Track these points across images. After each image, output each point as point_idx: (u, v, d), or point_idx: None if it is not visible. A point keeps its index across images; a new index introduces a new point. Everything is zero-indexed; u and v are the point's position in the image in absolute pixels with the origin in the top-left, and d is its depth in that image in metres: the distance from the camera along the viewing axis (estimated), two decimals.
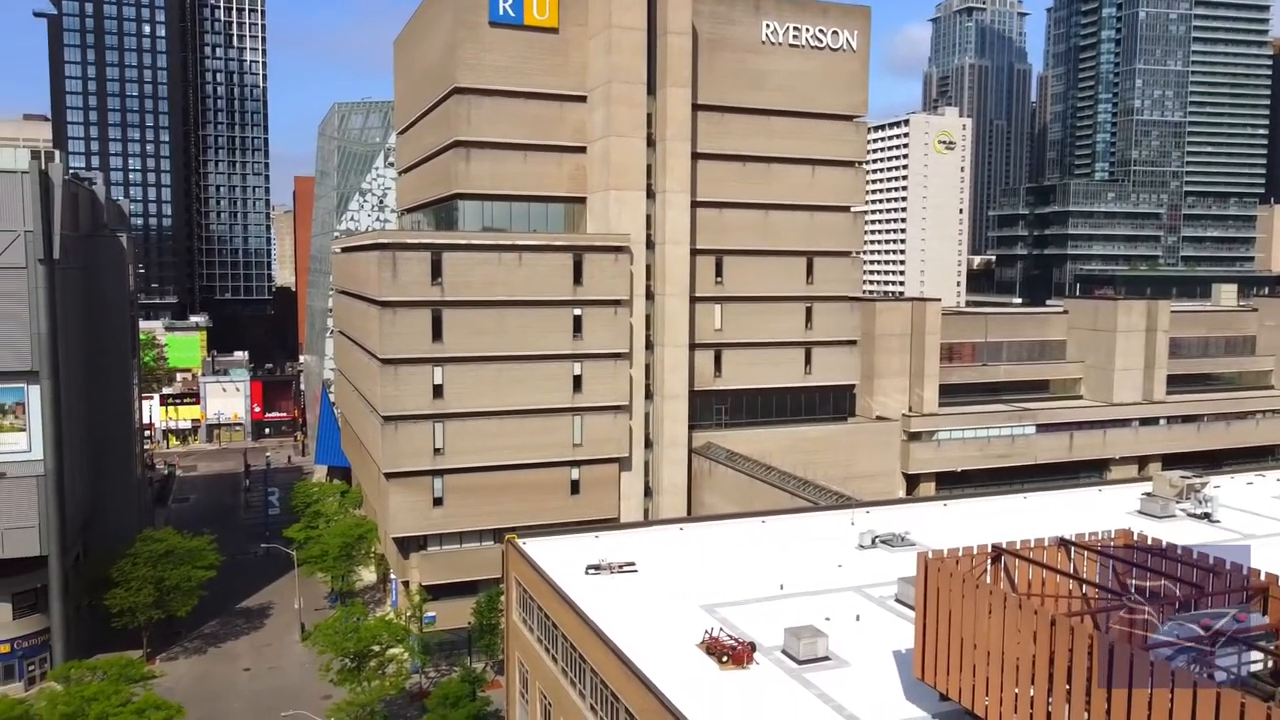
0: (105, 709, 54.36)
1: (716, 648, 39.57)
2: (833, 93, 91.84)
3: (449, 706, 60.57)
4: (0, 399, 72.82)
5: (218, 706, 72.09)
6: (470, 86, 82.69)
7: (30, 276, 71.18)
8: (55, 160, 76.77)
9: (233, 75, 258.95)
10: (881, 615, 44.14)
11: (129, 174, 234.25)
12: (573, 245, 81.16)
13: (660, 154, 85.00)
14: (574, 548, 54.33)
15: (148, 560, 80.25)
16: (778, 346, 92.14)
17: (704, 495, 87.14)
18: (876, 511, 63.14)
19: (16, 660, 75.38)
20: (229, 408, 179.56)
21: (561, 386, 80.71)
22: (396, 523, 78.65)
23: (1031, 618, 29.02)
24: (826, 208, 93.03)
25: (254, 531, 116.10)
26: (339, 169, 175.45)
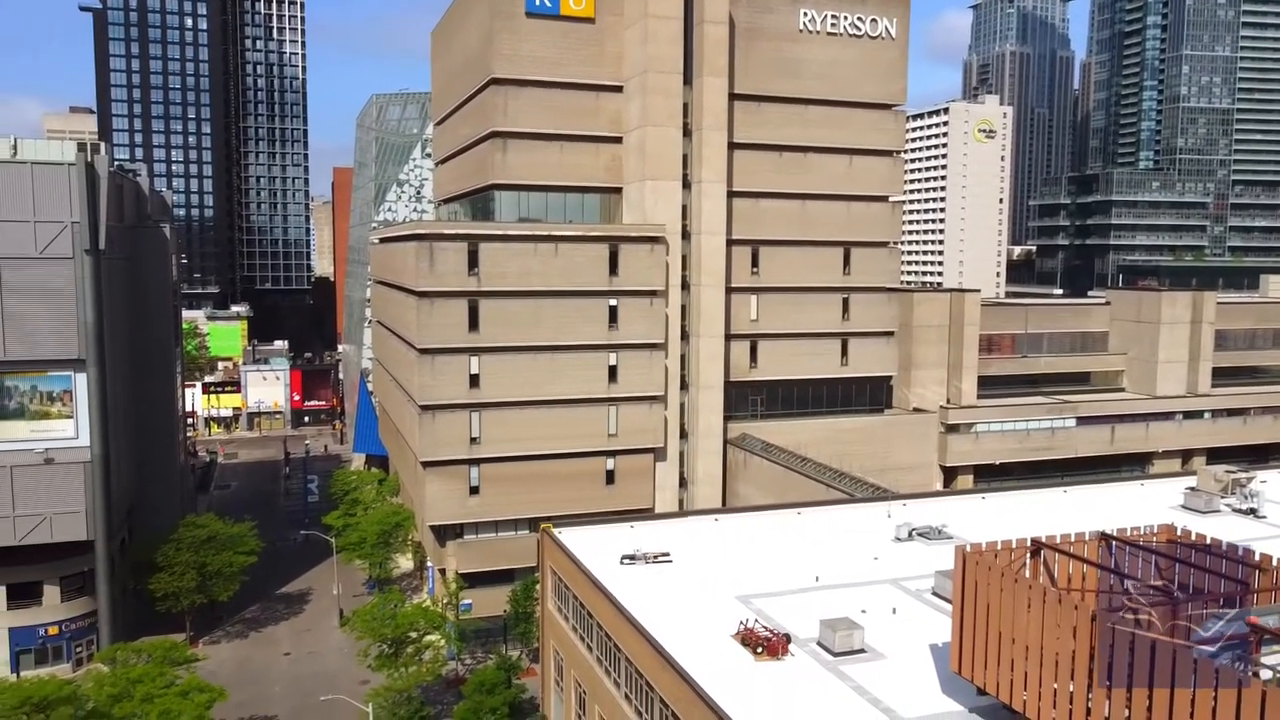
0: (150, 691, 55.42)
1: (751, 639, 39.56)
2: (871, 81, 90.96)
3: (485, 693, 61.08)
4: (48, 387, 74.42)
5: (258, 690, 73.28)
6: (507, 77, 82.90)
7: (77, 267, 72.54)
8: (101, 152, 77.97)
9: (272, 67, 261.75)
10: (918, 608, 43.86)
11: (171, 165, 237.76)
12: (608, 236, 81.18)
13: (696, 144, 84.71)
14: (609, 538, 54.53)
15: (190, 545, 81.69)
16: (814, 337, 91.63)
17: (739, 486, 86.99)
18: (913, 504, 62.68)
19: (65, 642, 77.14)
20: (269, 396, 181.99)
21: (597, 377, 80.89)
22: (433, 511, 79.34)
23: (1072, 613, 28.68)
24: (864, 198, 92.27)
25: (293, 518, 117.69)
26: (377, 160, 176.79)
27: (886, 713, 34.35)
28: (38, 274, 71.57)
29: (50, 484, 73.18)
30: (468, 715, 60.35)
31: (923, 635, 40.46)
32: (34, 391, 74.12)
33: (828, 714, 34.31)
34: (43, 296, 71.89)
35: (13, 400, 73.62)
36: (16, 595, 75.59)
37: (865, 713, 34.40)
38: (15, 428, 73.57)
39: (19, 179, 70.87)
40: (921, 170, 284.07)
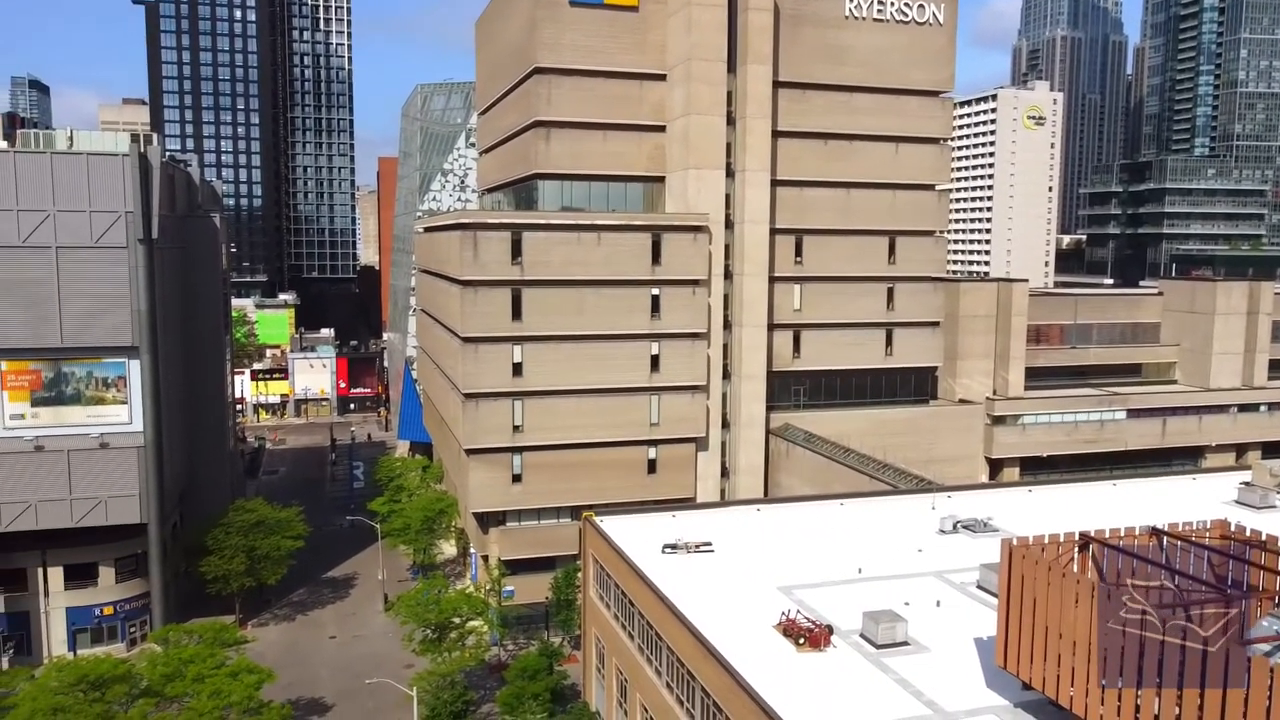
0: (201, 671, 56.62)
1: (793, 629, 39.49)
2: (918, 68, 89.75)
3: (527, 679, 61.59)
4: (103, 373, 76.17)
5: (305, 672, 74.56)
6: (550, 66, 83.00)
7: (131, 256, 74.01)
8: (153, 143, 79.56)
9: (319, 58, 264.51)
10: (962, 601, 43.50)
11: (221, 156, 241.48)
12: (651, 225, 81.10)
13: (740, 132, 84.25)
14: (651, 526, 54.69)
15: (240, 530, 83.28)
16: (858, 327, 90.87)
17: (781, 477, 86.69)
18: (958, 496, 62.13)
19: (119, 622, 79.10)
20: (316, 383, 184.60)
21: (639, 366, 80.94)
22: (476, 498, 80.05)
23: (1121, 609, 28.25)
24: (910, 186, 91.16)
25: (339, 504, 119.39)
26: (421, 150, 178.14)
27: (930, 706, 34.14)
28: (93, 263, 73.15)
29: (105, 468, 74.91)
30: (510, 700, 60.92)
31: (967, 629, 40.13)
32: (90, 377, 75.92)
33: (870, 706, 34.18)
34: (98, 285, 73.45)
35: (70, 386, 75.45)
36: (73, 576, 77.58)
37: (908, 706, 34.21)
38: (72, 413, 75.42)
39: (75, 170, 72.43)
40: (969, 158, 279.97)
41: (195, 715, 52.09)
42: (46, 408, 74.88)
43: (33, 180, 71.44)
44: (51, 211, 71.73)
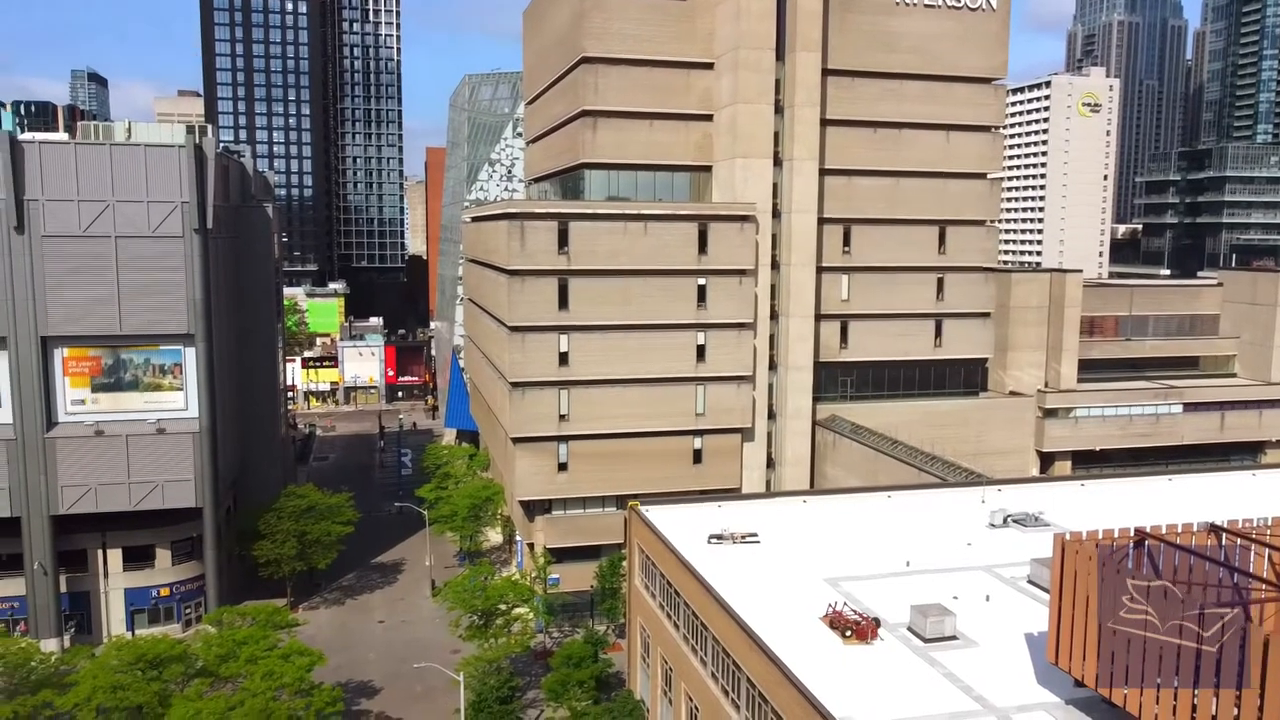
0: (254, 652, 57.80)
1: (840, 622, 39.27)
2: (970, 54, 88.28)
3: (572, 666, 61.98)
4: (160, 360, 77.85)
5: (354, 655, 75.77)
6: (597, 55, 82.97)
7: (186, 245, 75.46)
8: (208, 135, 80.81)
9: (368, 49, 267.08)
10: (1012, 596, 42.95)
11: (273, 146, 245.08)
12: (698, 214, 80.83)
13: (788, 121, 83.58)
14: (696, 517, 54.68)
15: (291, 515, 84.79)
16: (907, 318, 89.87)
17: (827, 468, 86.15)
18: (1008, 490, 61.30)
19: (175, 603, 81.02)
20: (365, 371, 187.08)
21: (685, 356, 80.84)
22: (522, 486, 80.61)
23: (1178, 606, 27.69)
24: (961, 175, 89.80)
25: (388, 490, 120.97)
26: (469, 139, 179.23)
27: (979, 700, 33.78)
28: (151, 252, 74.69)
29: (162, 453, 76.60)
30: (555, 687, 61.37)
31: (1017, 624, 39.62)
32: (147, 364, 77.64)
33: (918, 700, 33.90)
34: (155, 273, 75.01)
35: (128, 372, 77.24)
36: (132, 558, 79.59)
37: (956, 700, 33.88)
38: (130, 399, 77.22)
39: (133, 161, 73.95)
40: (1021, 146, 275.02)
41: (249, 695, 53.14)
42: (106, 394, 76.76)
43: (93, 171, 73.09)
44: (111, 202, 73.36)
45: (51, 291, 73.01)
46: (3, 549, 75.77)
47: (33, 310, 72.80)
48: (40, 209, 72.16)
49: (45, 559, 74.82)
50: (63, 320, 73.86)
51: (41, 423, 74.17)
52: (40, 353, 73.85)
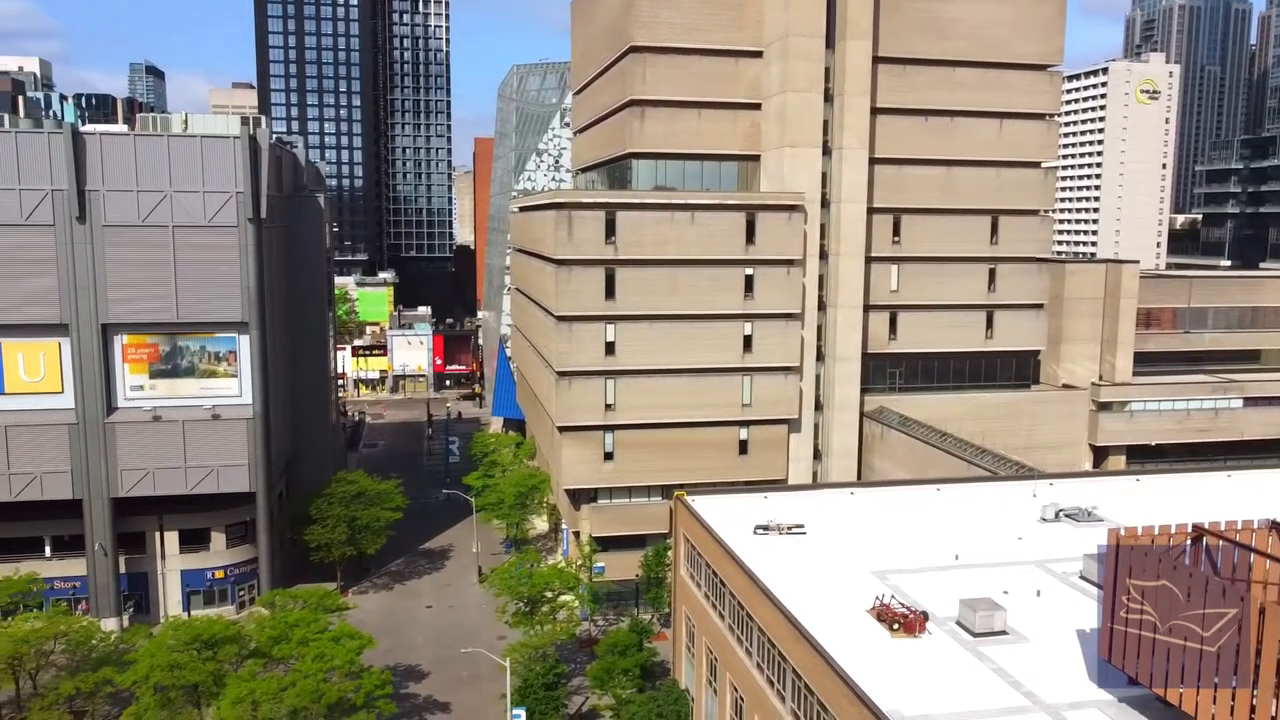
0: (306, 635, 58.79)
1: (887, 615, 38.98)
2: (1025, 41, 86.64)
3: (617, 654, 62.20)
4: (215, 347, 79.40)
5: (402, 639, 76.84)
6: (645, 45, 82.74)
7: (241, 234, 76.78)
8: (262, 126, 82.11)
9: (418, 41, 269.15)
10: (1064, 592, 42.30)
11: (324, 137, 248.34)
12: (745, 204, 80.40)
13: (838, 109, 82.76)
14: (742, 507, 54.57)
15: (342, 500, 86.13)
16: (957, 309, 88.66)
17: (875, 460, 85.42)
18: (1060, 484, 60.34)
19: (229, 585, 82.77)
20: (413, 360, 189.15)
21: (732, 346, 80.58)
22: (568, 475, 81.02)
23: (1237, 604, 27.08)
24: (1015, 163, 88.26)
25: (435, 477, 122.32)
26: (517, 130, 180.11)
27: (1029, 696, 33.35)
28: (206, 241, 76.09)
29: (217, 438, 78.18)
30: (601, 675, 61.67)
31: (1069, 619, 39.03)
32: (203, 351, 79.23)
33: (966, 695, 33.55)
34: (211, 262, 76.43)
35: (184, 359, 78.90)
36: (188, 541, 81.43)
37: (1006, 695, 33.48)
38: (187, 385, 78.89)
39: (190, 152, 75.35)
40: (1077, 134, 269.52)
41: (301, 677, 54.10)
42: (163, 380, 78.48)
43: (151, 162, 74.61)
44: (168, 192, 74.85)
45: (112, 280, 74.75)
46: (65, 530, 77.91)
47: (94, 298, 74.62)
48: (101, 199, 73.86)
49: (105, 540, 76.85)
50: (122, 308, 75.58)
51: (102, 408, 76.09)
52: (101, 340, 75.70)
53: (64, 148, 72.39)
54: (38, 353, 75.51)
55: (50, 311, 74.20)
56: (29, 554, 77.46)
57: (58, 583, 76.65)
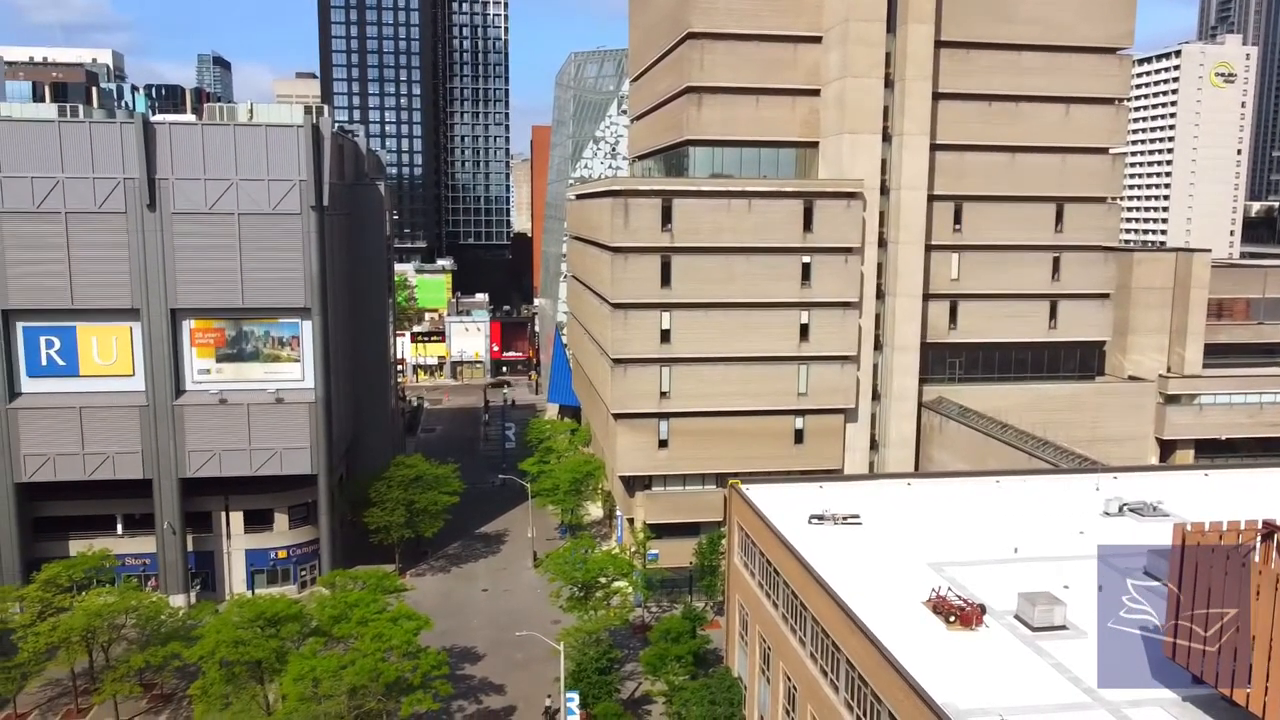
0: (365, 615, 59.91)
1: (943, 607, 38.57)
2: (1093, 23, 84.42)
3: (670, 641, 62.43)
4: (279, 332, 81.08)
5: (458, 621, 77.96)
6: (703, 31, 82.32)
7: (304, 222, 78.19)
8: (324, 115, 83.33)
9: (477, 29, 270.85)
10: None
11: (385, 126, 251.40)
12: (803, 191, 79.72)
13: (898, 95, 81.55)
14: (797, 496, 54.31)
15: (400, 484, 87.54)
16: (1020, 298, 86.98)
17: (933, 451, 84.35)
18: (1124, 477, 59.01)
19: (291, 565, 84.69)
20: (470, 346, 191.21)
21: (788, 335, 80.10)
22: (623, 462, 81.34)
23: None
24: (1081, 149, 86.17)
25: (492, 463, 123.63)
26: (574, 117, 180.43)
27: (1089, 693, 32.77)
28: (270, 228, 77.66)
29: (280, 421, 79.91)
30: (654, 661, 61.94)
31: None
32: (267, 336, 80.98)
33: (1024, 689, 33.08)
34: (274, 249, 77.97)
35: (249, 344, 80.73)
36: (252, 521, 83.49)
37: (1065, 692, 32.96)
38: (252, 369, 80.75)
39: (255, 141, 76.88)
40: (1147, 119, 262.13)
41: (360, 656, 55.20)
42: (229, 364, 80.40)
43: (218, 151, 76.28)
44: (234, 180, 76.49)
45: (180, 266, 76.67)
46: (136, 509, 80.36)
47: (163, 284, 76.63)
48: (170, 187, 75.74)
49: (174, 519, 79.12)
50: (190, 293, 77.51)
51: (171, 391, 78.21)
52: (170, 324, 77.75)
53: (135, 137, 74.36)
54: (110, 336, 77.84)
55: (122, 296, 76.42)
56: (102, 531, 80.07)
57: (129, 559, 79.12)
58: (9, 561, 76.49)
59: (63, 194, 74.17)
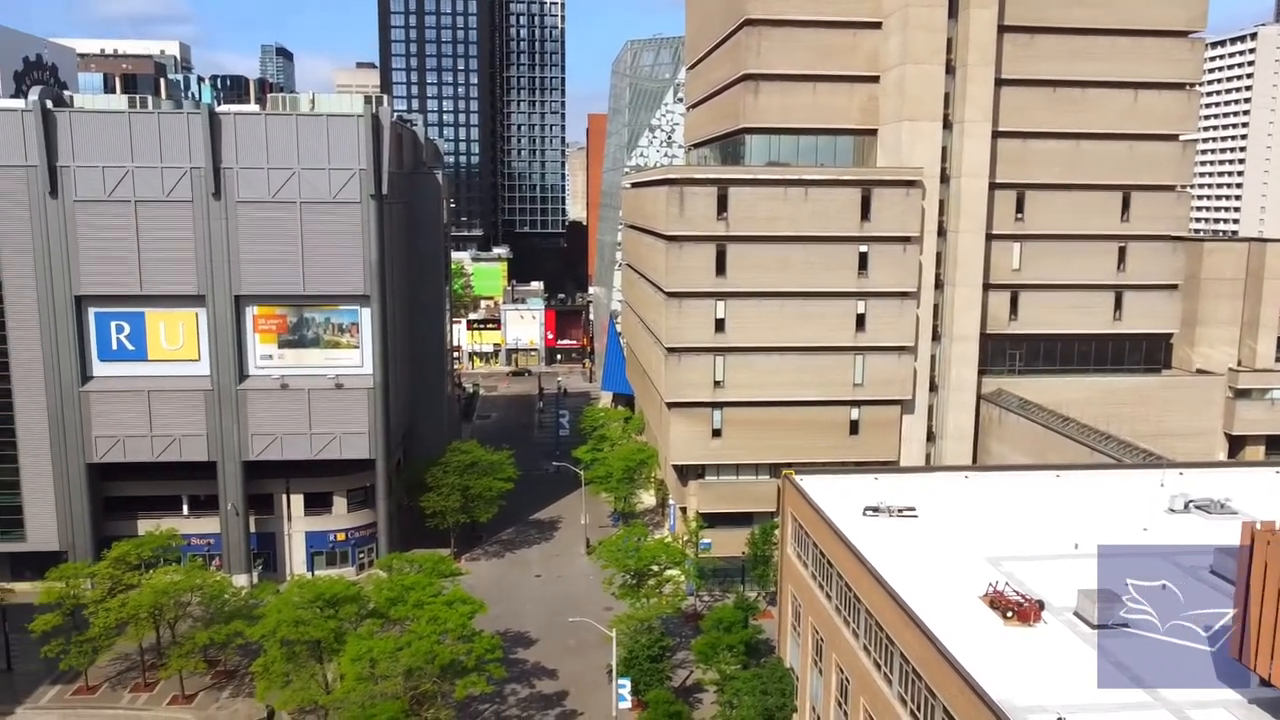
0: (421, 597, 60.82)
1: (1000, 602, 38.05)
2: (1164, 5, 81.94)
3: (723, 630, 62.41)
4: (339, 319, 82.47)
5: (512, 606, 78.80)
6: (760, 17, 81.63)
7: (364, 210, 79.32)
8: (384, 104, 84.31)
9: (534, 18, 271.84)
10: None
11: (442, 115, 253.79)
12: (861, 179, 78.76)
13: (960, 81, 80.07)
14: (851, 488, 53.89)
15: (456, 469, 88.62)
16: (1083, 289, 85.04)
17: (991, 444, 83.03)
18: (1191, 474, 57.55)
19: (350, 548, 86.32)
20: (525, 334, 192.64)
21: (844, 325, 79.32)
22: (676, 451, 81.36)
23: None
24: (1149, 136, 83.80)
25: (546, 450, 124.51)
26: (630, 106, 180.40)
27: (1151, 693, 32.08)
28: (331, 217, 78.91)
29: (339, 406, 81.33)
30: (705, 650, 62.00)
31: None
32: (327, 323, 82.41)
33: (1083, 687, 32.48)
34: (335, 237, 79.24)
35: (310, 330, 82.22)
36: (312, 504, 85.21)
37: (1126, 691, 32.27)
38: (312, 355, 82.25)
39: (317, 130, 78.11)
40: (1220, 104, 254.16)
41: (415, 638, 56.06)
42: (290, 350, 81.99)
43: (280, 140, 77.67)
44: (296, 169, 77.82)
45: (244, 253, 78.31)
46: (201, 490, 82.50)
47: (228, 271, 78.35)
48: (234, 176, 77.33)
49: (237, 501, 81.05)
50: (253, 280, 79.13)
51: (235, 376, 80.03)
52: (234, 311, 79.51)
53: (202, 127, 76.01)
54: (177, 322, 79.85)
55: (188, 283, 78.31)
56: (169, 512, 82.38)
57: (194, 539, 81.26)
58: (82, 539, 79.07)
59: (132, 183, 76.16)
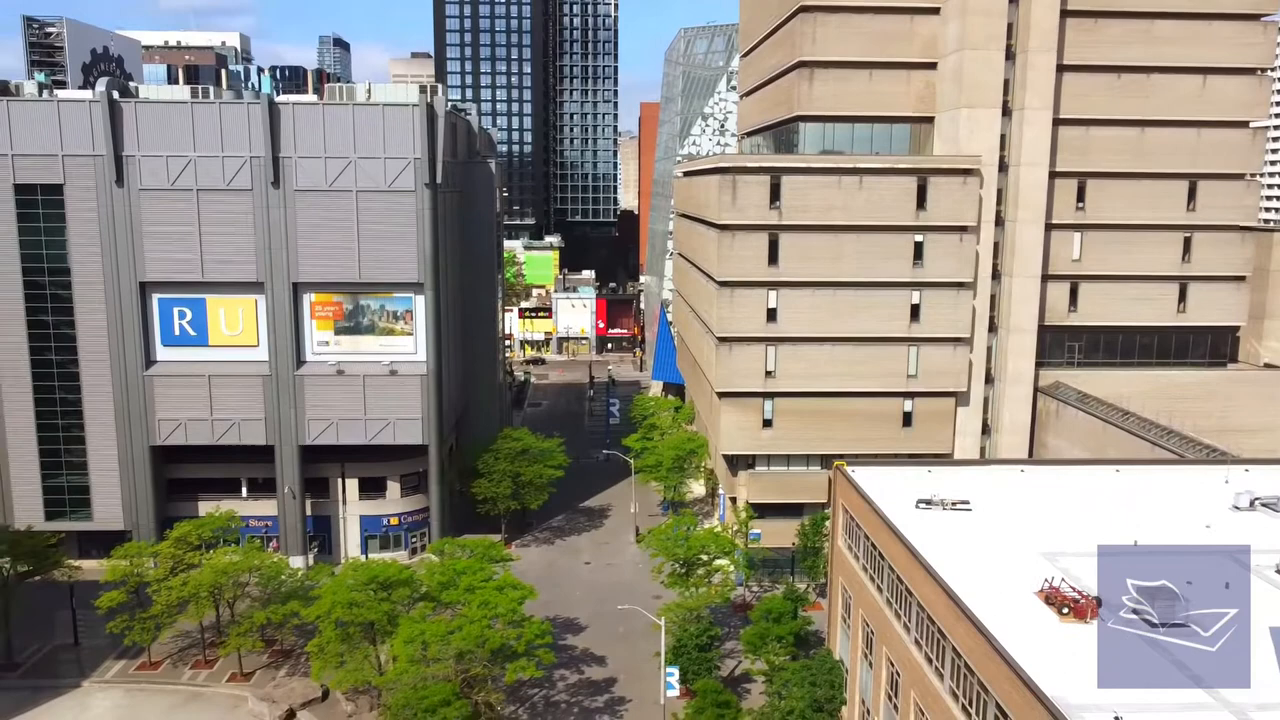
0: (472, 582, 61.59)
1: (1056, 598, 37.44)
2: None
3: (772, 621, 62.23)
4: (393, 306, 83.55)
5: (561, 592, 79.38)
6: (815, 4, 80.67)
7: (418, 199, 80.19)
8: (438, 94, 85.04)
9: (586, 6, 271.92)
10: (1258, 586, 39.40)
11: (496, 104, 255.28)
12: (917, 168, 77.62)
13: (1020, 67, 78.43)
14: (904, 480, 53.34)
15: (507, 456, 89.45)
16: (1146, 280, 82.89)
17: (1048, 437, 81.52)
18: (1257, 470, 56.01)
19: (403, 532, 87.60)
20: (576, 322, 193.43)
21: (898, 315, 78.35)
22: (727, 441, 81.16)
23: None
24: (1218, 123, 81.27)
25: (595, 438, 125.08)
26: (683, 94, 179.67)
27: (1212, 694, 31.35)
28: (386, 205, 79.93)
29: (394, 393, 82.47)
30: (754, 640, 61.89)
31: (1262, 616, 36.29)
32: (382, 310, 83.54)
33: (1140, 688, 31.81)
34: (390, 226, 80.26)
35: (365, 317, 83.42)
36: (366, 489, 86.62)
37: (1186, 692, 31.57)
38: (367, 342, 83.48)
39: (373, 120, 79.09)
40: None
41: (467, 622, 56.78)
42: (346, 336, 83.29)
43: (337, 130, 78.81)
44: (353, 158, 78.89)
45: (301, 241, 79.65)
46: (259, 473, 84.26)
47: (286, 258, 79.75)
48: (293, 165, 78.62)
49: (294, 484, 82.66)
50: (310, 268, 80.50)
51: (292, 361, 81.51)
52: (292, 297, 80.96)
53: (261, 117, 77.35)
54: (237, 308, 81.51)
55: (248, 270, 79.87)
56: (228, 494, 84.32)
57: (252, 521, 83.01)
58: (145, 519, 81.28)
59: (194, 172, 77.82)
